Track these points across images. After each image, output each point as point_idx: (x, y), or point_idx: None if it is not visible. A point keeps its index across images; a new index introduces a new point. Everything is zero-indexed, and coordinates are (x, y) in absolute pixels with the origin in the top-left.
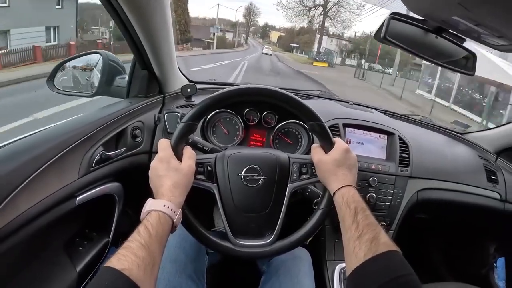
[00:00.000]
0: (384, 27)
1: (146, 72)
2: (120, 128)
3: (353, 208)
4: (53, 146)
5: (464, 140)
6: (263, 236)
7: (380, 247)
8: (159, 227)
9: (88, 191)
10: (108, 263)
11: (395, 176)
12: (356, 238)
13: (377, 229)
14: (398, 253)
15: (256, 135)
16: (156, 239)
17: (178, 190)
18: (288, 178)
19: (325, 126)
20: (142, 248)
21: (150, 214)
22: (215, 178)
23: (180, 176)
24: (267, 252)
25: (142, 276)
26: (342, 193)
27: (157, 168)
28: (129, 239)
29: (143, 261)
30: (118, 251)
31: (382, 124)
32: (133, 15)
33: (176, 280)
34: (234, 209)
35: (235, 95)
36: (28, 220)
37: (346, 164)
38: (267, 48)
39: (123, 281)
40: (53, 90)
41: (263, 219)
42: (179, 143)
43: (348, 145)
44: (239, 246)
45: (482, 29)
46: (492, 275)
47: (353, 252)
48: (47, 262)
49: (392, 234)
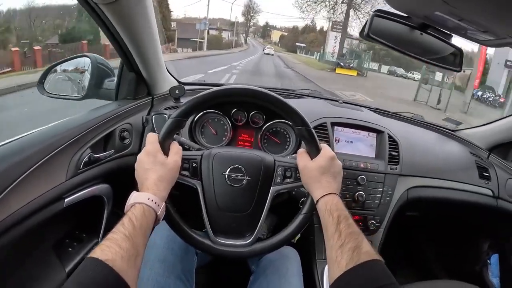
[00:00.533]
0: (367, 25)
1: (133, 75)
2: (108, 130)
3: (336, 216)
4: (40, 149)
5: (456, 137)
6: (243, 237)
7: (362, 256)
8: (143, 219)
9: (77, 192)
10: (92, 254)
11: (384, 174)
12: (338, 247)
13: (359, 238)
14: (380, 262)
15: (244, 135)
16: (140, 231)
17: (162, 184)
18: (272, 181)
19: (313, 132)
20: (126, 240)
21: (134, 206)
22: (199, 175)
23: (165, 170)
24: (245, 253)
25: (125, 267)
26: (325, 200)
27: (143, 161)
28: (113, 231)
29: (127, 252)
30: (102, 242)
31: (371, 122)
32: (116, 19)
33: (164, 280)
34: (216, 207)
35: (225, 95)
36: (17, 221)
37: (331, 171)
38: (269, 48)
39: (106, 272)
40: (43, 93)
41: (244, 219)
42: (166, 138)
43: (334, 153)
44: (218, 244)
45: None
46: (486, 272)
47: (335, 261)
48: (36, 263)
49: (383, 232)
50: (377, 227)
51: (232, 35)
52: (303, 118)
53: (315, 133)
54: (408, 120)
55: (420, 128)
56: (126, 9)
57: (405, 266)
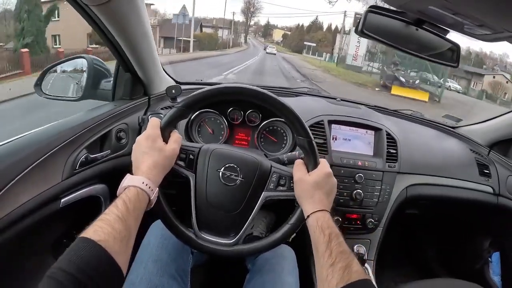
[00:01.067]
0: (361, 21)
1: (129, 75)
2: (104, 130)
3: (328, 234)
4: (36, 149)
5: (456, 134)
6: (227, 236)
7: (352, 276)
8: (137, 202)
9: (73, 193)
10: (84, 234)
11: (383, 172)
12: (329, 265)
13: (350, 258)
14: (369, 281)
15: (241, 134)
16: (134, 213)
17: (157, 170)
18: (265, 186)
19: (314, 144)
20: (119, 221)
21: (128, 189)
22: (194, 168)
23: (162, 157)
24: (225, 252)
25: (118, 248)
26: (317, 217)
27: (142, 144)
28: (105, 212)
29: (119, 234)
30: (94, 222)
31: (368, 120)
32: (108, 20)
33: (158, 279)
34: (205, 202)
35: (231, 93)
36: (13, 222)
37: (325, 188)
38: (271, 47)
39: (99, 253)
40: (41, 95)
41: (231, 219)
42: (168, 126)
43: (331, 170)
44: (201, 239)
45: (462, 19)
46: (487, 270)
47: (325, 280)
48: (33, 263)
49: (381, 230)
50: (375, 225)
51: (230, 33)
52: (306, 129)
53: (316, 146)
54: (407, 117)
55: (419, 125)
56: (118, 9)
57: (406, 265)
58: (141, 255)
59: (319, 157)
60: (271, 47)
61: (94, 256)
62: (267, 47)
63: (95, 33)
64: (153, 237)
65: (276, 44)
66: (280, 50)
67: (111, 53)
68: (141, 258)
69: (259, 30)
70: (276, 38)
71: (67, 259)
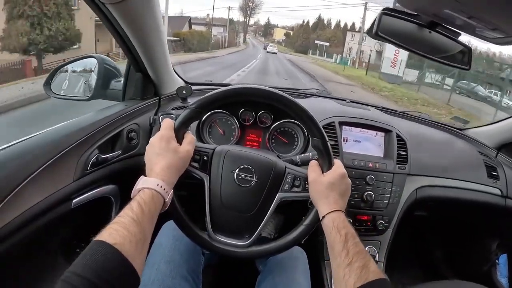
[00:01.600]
0: (376, 23)
1: (140, 75)
2: (115, 130)
3: (344, 234)
4: (48, 149)
5: (464, 136)
6: (241, 237)
7: (370, 275)
8: (152, 205)
9: (84, 193)
10: (99, 237)
11: (393, 174)
12: (346, 265)
13: (367, 257)
14: (387, 281)
15: (252, 135)
16: (148, 216)
17: (171, 171)
18: (280, 187)
19: (328, 145)
20: (134, 224)
21: (143, 191)
22: (208, 169)
23: (176, 158)
24: (239, 254)
25: (133, 251)
26: (332, 217)
27: (155, 145)
28: (120, 215)
29: (135, 237)
30: (109, 225)
31: (379, 122)
32: (123, 19)
33: (171, 281)
34: (220, 204)
35: (248, 94)
36: (25, 222)
37: (340, 189)
38: (272, 46)
39: (115, 255)
40: (50, 94)
41: (245, 220)
42: (182, 127)
43: (345, 171)
44: (215, 240)
45: (476, 22)
46: (494, 272)
47: (343, 279)
48: (44, 264)
49: (391, 232)
50: (385, 227)
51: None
52: (320, 130)
53: (330, 147)
54: (415, 119)
55: (428, 127)
56: (134, 9)
57: (413, 266)
58: (153, 256)
59: (333, 158)
60: (271, 46)
61: (110, 260)
62: (267, 46)
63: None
64: (165, 238)
65: (277, 44)
66: (282, 50)
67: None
68: (153, 259)
69: (259, 29)
70: (277, 38)
71: (82, 263)
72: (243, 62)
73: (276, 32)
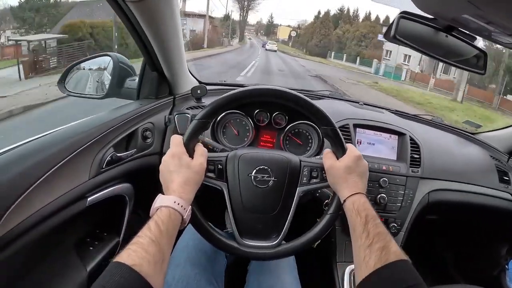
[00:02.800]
0: (393, 26)
1: (156, 74)
2: (130, 129)
3: (364, 216)
4: (64, 147)
5: (476, 140)
6: (269, 238)
7: (390, 256)
8: (170, 223)
9: (99, 191)
10: (118, 258)
11: (406, 177)
12: (366, 246)
13: (387, 238)
14: (408, 262)
15: (266, 136)
16: (167, 235)
17: (188, 187)
18: (298, 181)
19: (338, 131)
20: (152, 244)
21: (160, 210)
22: (225, 177)
23: (190, 173)
24: (271, 254)
25: (152, 272)
26: (352, 200)
27: (168, 163)
28: (139, 235)
29: (153, 257)
30: (128, 246)
31: (392, 125)
32: (142, 18)
33: (195, 283)
34: (242, 208)
35: (250, 96)
36: (40, 220)
37: (357, 171)
38: (271, 44)
39: (133, 277)
40: (64, 92)
41: (270, 220)
42: (191, 140)
43: (360, 153)
44: (244, 246)
45: (493, 27)
46: (503, 277)
47: (363, 261)
48: (58, 261)
49: (403, 235)
50: (398, 230)
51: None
52: (328, 118)
53: (340, 132)
54: (428, 122)
55: (440, 130)
56: (154, 8)
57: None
58: (178, 257)
59: (345, 143)
60: (271, 43)
61: (129, 281)
62: (266, 43)
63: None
64: (191, 239)
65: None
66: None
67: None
68: (178, 260)
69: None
70: (281, 37)
71: (101, 285)
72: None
73: (280, 31)
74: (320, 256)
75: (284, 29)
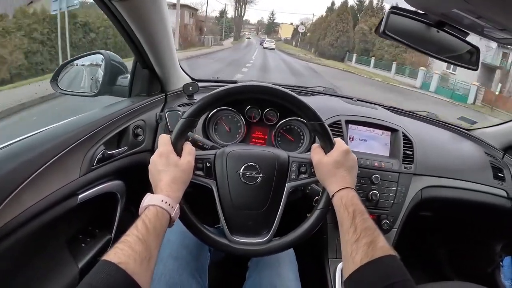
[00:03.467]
0: (383, 21)
1: (147, 71)
2: (121, 127)
3: (352, 211)
4: (54, 145)
5: (470, 136)
6: (259, 234)
7: (377, 252)
8: (157, 221)
9: (90, 189)
10: (105, 257)
11: (399, 173)
12: (353, 242)
13: (375, 233)
14: (395, 257)
15: (258, 133)
16: (154, 233)
17: (176, 186)
18: (287, 177)
19: (326, 126)
20: (139, 242)
21: (148, 209)
22: (213, 175)
23: (178, 171)
24: (262, 250)
25: (138, 269)
26: (341, 195)
27: (156, 163)
28: (126, 233)
29: (139, 255)
30: (115, 245)
31: (385, 121)
32: (130, 16)
33: (178, 277)
34: (231, 206)
35: (236, 93)
36: (31, 217)
37: (346, 165)
38: (269, 41)
39: (119, 275)
40: (57, 90)
41: (260, 217)
42: (179, 139)
43: (348, 146)
44: (235, 243)
45: (484, 22)
46: (498, 274)
47: (350, 256)
48: (49, 258)
49: (396, 232)
50: (390, 226)
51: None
52: (315, 113)
53: (328, 127)
54: (422, 118)
55: (435, 127)
56: (141, 5)
57: (417, 267)
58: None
59: (333, 137)
60: (268, 41)
61: (115, 279)
62: (264, 41)
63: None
64: (173, 234)
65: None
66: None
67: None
68: (161, 255)
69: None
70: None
71: (88, 283)
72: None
73: (282, 29)
74: (315, 252)
75: (287, 27)
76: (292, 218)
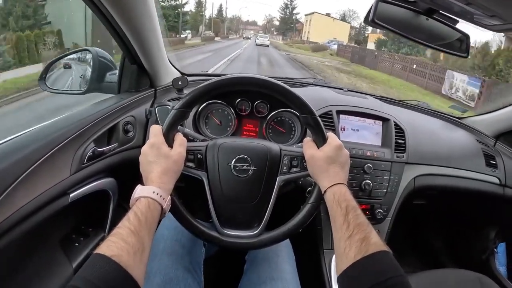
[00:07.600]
0: (372, 10)
1: (135, 67)
2: (111, 123)
3: (344, 207)
4: (43, 144)
5: (462, 124)
6: (250, 227)
7: (370, 248)
8: (149, 213)
9: (81, 187)
10: (98, 250)
11: (391, 163)
12: (346, 238)
13: (368, 229)
14: (388, 253)
15: (249, 125)
16: (146, 225)
17: (167, 177)
18: (278, 170)
19: (318, 120)
20: (131, 235)
21: (139, 200)
22: (205, 166)
23: (169, 162)
24: (252, 244)
25: (131, 262)
26: (333, 191)
27: (147, 153)
28: (118, 226)
29: (132, 247)
30: (108, 237)
31: (376, 110)
32: (115, 11)
33: (173, 272)
34: (222, 198)
35: (228, 84)
36: (23, 218)
37: (338, 161)
38: (262, 37)
39: (113, 268)
40: (45, 89)
41: (251, 210)
42: (170, 130)
43: (341, 142)
44: (225, 236)
45: (473, 9)
46: (493, 261)
47: (343, 253)
48: (43, 259)
49: (390, 221)
50: (384, 216)
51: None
52: (308, 106)
53: (321, 121)
54: (413, 107)
55: (426, 115)
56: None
57: (412, 255)
58: (155, 248)
59: (326, 131)
60: (262, 37)
61: (108, 272)
62: (257, 37)
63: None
64: (167, 229)
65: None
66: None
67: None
68: (155, 251)
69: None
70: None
71: (82, 277)
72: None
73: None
74: (312, 244)
75: (342, 25)
76: (284, 210)
